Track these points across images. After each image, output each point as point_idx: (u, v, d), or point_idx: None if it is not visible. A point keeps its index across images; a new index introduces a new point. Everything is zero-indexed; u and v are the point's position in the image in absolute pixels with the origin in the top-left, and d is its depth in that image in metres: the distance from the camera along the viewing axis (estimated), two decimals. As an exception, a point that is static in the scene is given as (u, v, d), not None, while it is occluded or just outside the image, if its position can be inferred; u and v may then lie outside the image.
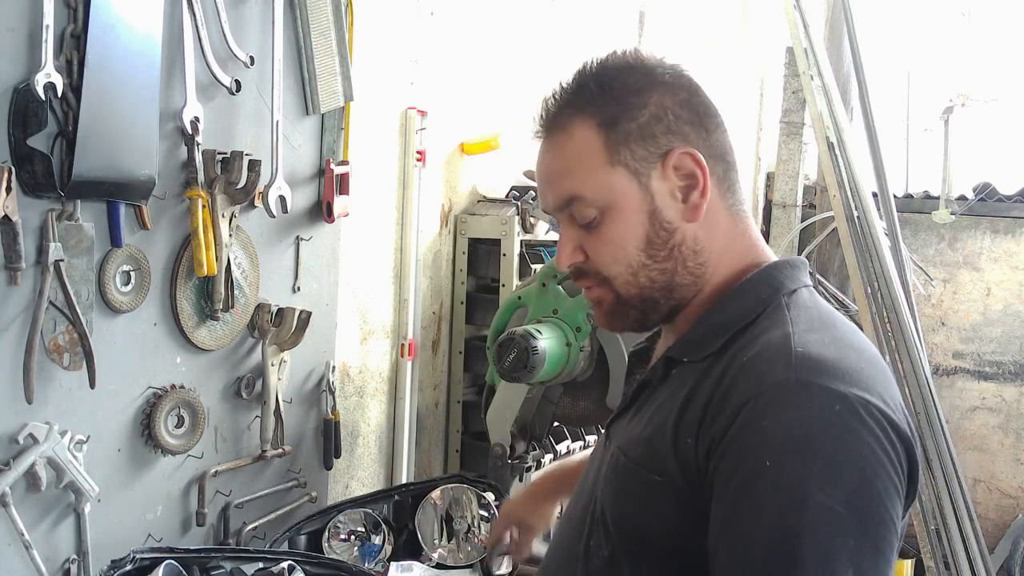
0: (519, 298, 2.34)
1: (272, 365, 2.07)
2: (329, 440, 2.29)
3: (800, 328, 0.96)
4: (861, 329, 1.12)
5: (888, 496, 0.87)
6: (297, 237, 2.16)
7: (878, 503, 0.86)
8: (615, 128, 1.02)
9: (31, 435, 1.60)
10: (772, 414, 0.88)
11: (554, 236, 2.78)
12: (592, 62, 1.07)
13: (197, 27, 1.80)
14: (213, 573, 1.71)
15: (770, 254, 1.10)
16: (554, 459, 2.72)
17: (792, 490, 0.85)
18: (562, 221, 1.08)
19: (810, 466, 0.85)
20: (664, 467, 0.96)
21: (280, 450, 2.12)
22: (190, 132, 1.80)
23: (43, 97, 1.52)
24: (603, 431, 1.18)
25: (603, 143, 1.02)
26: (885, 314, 3.61)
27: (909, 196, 4.78)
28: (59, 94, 1.55)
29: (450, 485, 2.18)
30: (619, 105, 1.02)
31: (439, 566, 2.09)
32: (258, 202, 1.99)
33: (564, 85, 1.07)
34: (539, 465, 2.58)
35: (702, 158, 1.02)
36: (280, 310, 2.08)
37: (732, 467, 0.89)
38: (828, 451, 0.86)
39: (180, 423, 1.89)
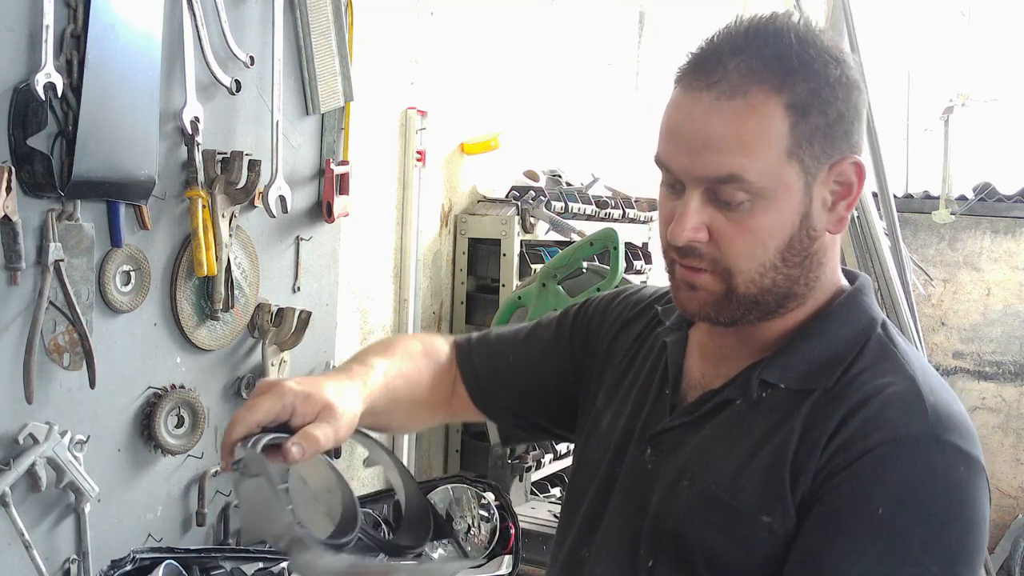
0: (519, 298, 2.34)
1: (272, 365, 2.07)
2: (329, 440, 2.29)
3: (920, 375, 0.94)
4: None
5: (980, 556, 0.89)
6: (297, 237, 2.16)
7: (972, 567, 0.88)
8: (805, 118, 0.90)
9: (31, 435, 1.60)
10: (904, 465, 0.87)
11: (555, 236, 2.78)
12: (791, 23, 0.93)
13: (197, 27, 1.80)
14: (213, 573, 1.70)
15: (842, 275, 1.05)
16: (554, 459, 2.72)
17: (897, 544, 0.86)
18: (694, 195, 0.94)
19: (922, 525, 0.86)
20: (775, 508, 0.92)
21: (280, 450, 2.11)
22: (190, 132, 1.80)
23: (43, 97, 1.52)
24: (638, 433, 1.07)
25: (789, 130, 0.90)
26: (885, 314, 3.61)
27: (909, 196, 4.78)
28: (59, 94, 1.55)
29: (450, 485, 2.18)
30: (815, 92, 0.91)
31: (439, 566, 2.09)
32: (258, 202, 1.99)
33: (752, 38, 0.92)
34: (539, 465, 2.58)
35: (865, 170, 0.96)
36: (280, 310, 2.08)
37: (840, 504, 0.88)
38: (944, 512, 0.87)
39: (180, 423, 1.89)
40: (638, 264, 3.16)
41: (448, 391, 1.26)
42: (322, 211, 2.19)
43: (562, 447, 2.71)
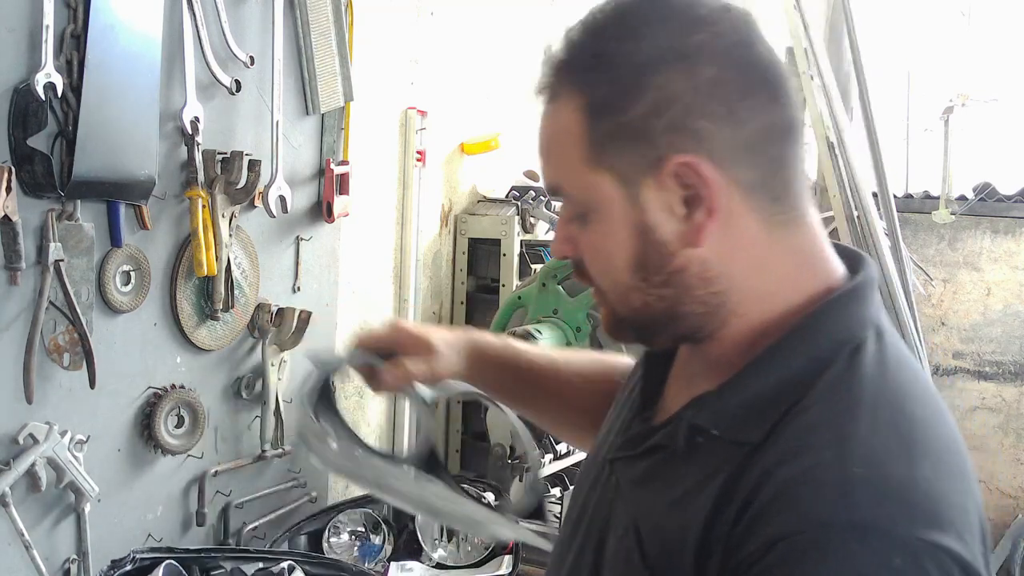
0: (519, 298, 2.34)
1: (272, 365, 2.07)
2: (329, 440, 2.29)
3: (862, 428, 0.72)
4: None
5: None
6: (297, 237, 2.16)
7: None
8: (601, 117, 0.77)
9: (31, 435, 1.60)
10: (811, 563, 0.67)
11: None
12: (601, 5, 0.81)
13: (197, 27, 1.80)
14: (213, 573, 1.71)
15: (834, 270, 0.82)
16: (554, 459, 2.72)
17: None
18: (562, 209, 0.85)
19: None
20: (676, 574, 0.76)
21: (280, 450, 2.11)
22: (190, 132, 1.80)
23: (43, 97, 1.52)
24: (605, 456, 0.93)
25: (586, 135, 0.78)
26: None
27: (909, 196, 4.77)
28: (59, 94, 1.55)
29: (450, 485, 2.18)
30: (613, 86, 0.76)
31: (439, 566, 2.09)
32: (258, 202, 1.99)
33: (566, 35, 0.83)
34: (539, 465, 2.57)
35: (709, 169, 0.75)
36: (280, 310, 2.08)
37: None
38: None
39: (180, 423, 1.89)
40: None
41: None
42: (322, 211, 2.19)
43: (562, 447, 2.71)
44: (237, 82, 1.90)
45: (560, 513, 2.26)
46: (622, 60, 0.77)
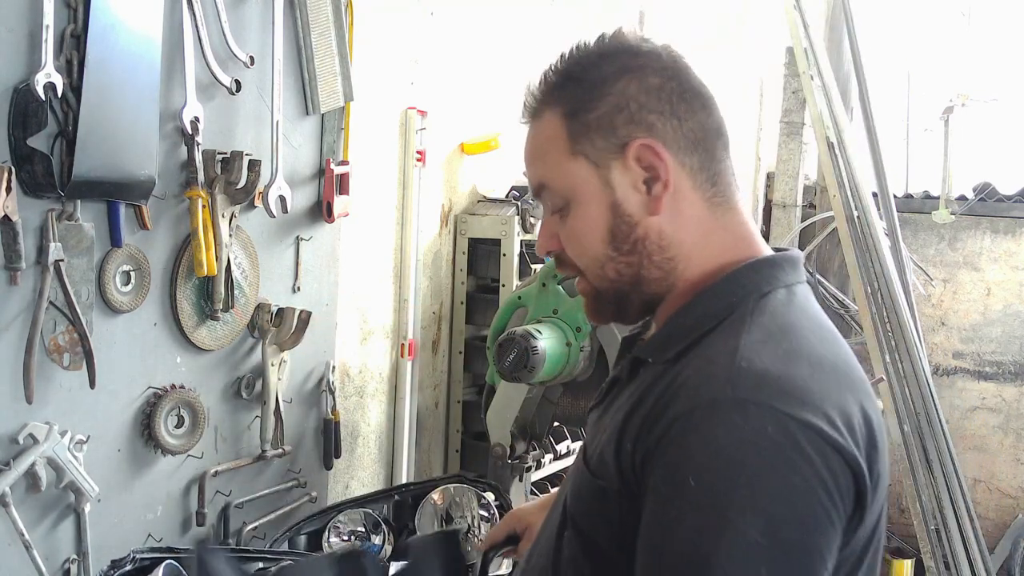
0: (519, 298, 2.34)
1: (272, 365, 2.07)
2: (329, 440, 2.29)
3: (753, 339, 0.92)
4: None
5: (818, 526, 0.84)
6: (297, 237, 2.16)
7: (804, 534, 0.84)
8: (576, 118, 1.01)
9: (31, 435, 1.60)
10: (703, 432, 0.86)
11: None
12: (569, 50, 1.05)
13: (197, 27, 1.80)
14: (213, 573, 1.70)
15: (761, 249, 1.04)
16: (554, 459, 2.72)
17: (711, 513, 0.83)
18: (543, 207, 1.08)
19: (733, 491, 0.83)
20: (607, 472, 0.95)
21: (280, 450, 2.12)
22: (190, 132, 1.80)
23: (43, 97, 1.52)
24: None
25: (566, 132, 1.01)
26: (885, 314, 3.61)
27: (909, 196, 4.78)
28: (59, 94, 1.55)
29: (450, 485, 2.18)
30: (583, 95, 1.01)
31: (439, 566, 2.09)
32: (258, 202, 1.99)
33: (544, 73, 1.07)
34: (539, 465, 2.58)
35: (662, 150, 0.98)
36: (280, 310, 2.08)
37: (659, 479, 0.88)
38: (754, 477, 0.83)
39: (180, 423, 1.89)
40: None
41: None
42: (322, 211, 2.20)
43: (562, 447, 2.71)
44: (237, 82, 1.90)
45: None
46: (589, 77, 1.01)
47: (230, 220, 1.90)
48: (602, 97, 1.00)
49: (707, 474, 0.84)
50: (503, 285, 2.67)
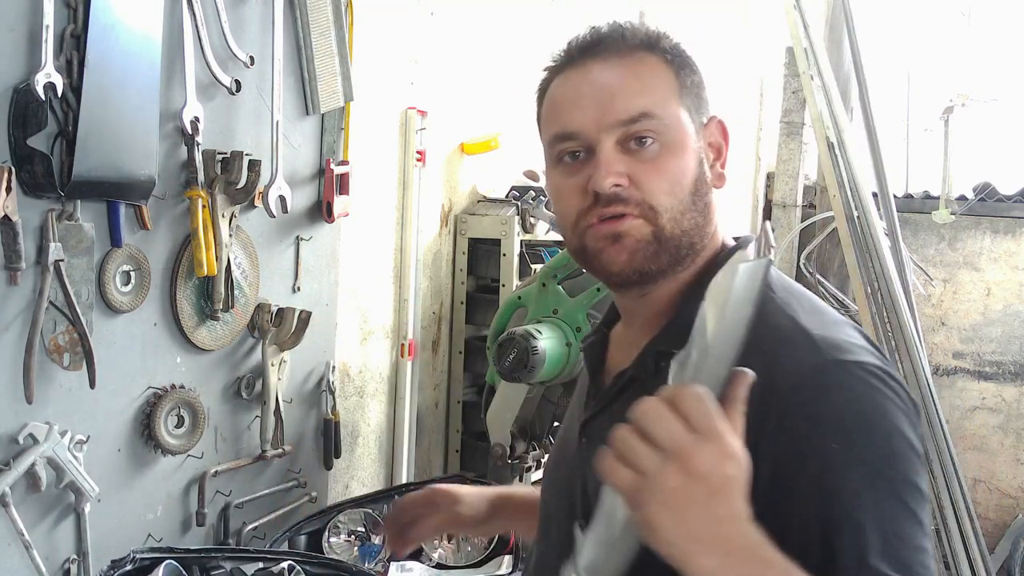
0: (519, 298, 2.34)
1: (272, 365, 2.07)
2: (329, 440, 2.29)
3: (793, 308, 0.98)
4: (860, 325, 1.11)
5: (915, 451, 0.90)
6: (297, 237, 2.16)
7: (910, 463, 0.89)
8: (681, 74, 1.04)
9: (31, 435, 1.60)
10: (824, 398, 0.89)
11: (554, 236, 2.78)
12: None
13: (197, 27, 1.80)
14: (213, 573, 1.71)
15: (727, 235, 1.11)
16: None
17: (865, 467, 0.87)
18: (608, 144, 1.00)
19: (873, 443, 0.88)
20: None
21: (280, 450, 2.12)
22: (190, 132, 1.80)
23: (43, 97, 1.52)
24: (577, 431, 1.11)
25: (675, 78, 1.03)
26: (885, 314, 3.61)
27: (909, 196, 4.78)
28: (59, 94, 1.55)
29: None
30: (683, 60, 1.05)
31: (439, 566, 2.09)
32: (258, 202, 1.99)
33: (612, 27, 1.08)
34: (539, 465, 2.58)
35: (728, 130, 1.07)
36: (280, 310, 2.08)
37: (799, 456, 0.88)
38: (880, 423, 0.89)
39: (180, 423, 1.89)
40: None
41: None
42: (322, 211, 2.20)
43: (562, 447, 2.71)
44: (237, 82, 1.90)
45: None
46: (676, 44, 1.07)
47: (230, 220, 1.90)
48: (696, 70, 1.06)
49: (845, 434, 0.87)
50: (503, 285, 2.67)
